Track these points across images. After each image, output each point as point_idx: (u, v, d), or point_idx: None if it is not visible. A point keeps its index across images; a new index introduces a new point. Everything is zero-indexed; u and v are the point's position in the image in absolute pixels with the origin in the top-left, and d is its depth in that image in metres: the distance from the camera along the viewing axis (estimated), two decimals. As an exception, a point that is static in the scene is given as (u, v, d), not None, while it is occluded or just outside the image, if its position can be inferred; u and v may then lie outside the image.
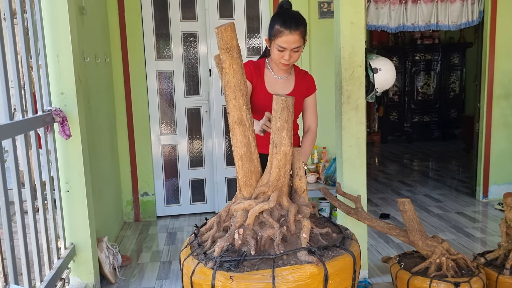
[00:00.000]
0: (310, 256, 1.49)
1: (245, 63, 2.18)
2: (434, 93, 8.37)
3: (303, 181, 1.72)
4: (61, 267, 2.54)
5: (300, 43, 2.10)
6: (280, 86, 2.26)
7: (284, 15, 2.10)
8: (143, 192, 4.39)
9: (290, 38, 2.06)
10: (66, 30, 2.59)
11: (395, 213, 4.35)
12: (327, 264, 1.49)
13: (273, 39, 2.12)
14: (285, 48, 2.10)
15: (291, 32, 2.05)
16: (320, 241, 1.61)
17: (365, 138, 2.86)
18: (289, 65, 2.19)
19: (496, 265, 2.53)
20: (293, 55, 2.13)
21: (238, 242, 1.57)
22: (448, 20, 4.28)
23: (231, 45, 1.59)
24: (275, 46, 2.12)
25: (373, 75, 2.76)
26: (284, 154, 1.64)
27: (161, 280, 3.10)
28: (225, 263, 1.49)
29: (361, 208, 2.68)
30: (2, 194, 1.88)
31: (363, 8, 2.71)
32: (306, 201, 1.71)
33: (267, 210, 1.63)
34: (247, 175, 1.69)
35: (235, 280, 1.45)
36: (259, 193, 1.68)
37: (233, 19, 4.28)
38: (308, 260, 1.48)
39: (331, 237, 1.67)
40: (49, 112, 2.48)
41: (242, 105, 1.65)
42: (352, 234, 1.77)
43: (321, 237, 1.63)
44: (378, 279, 2.97)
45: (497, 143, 4.59)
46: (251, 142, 1.67)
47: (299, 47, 2.12)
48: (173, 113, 4.41)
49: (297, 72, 2.33)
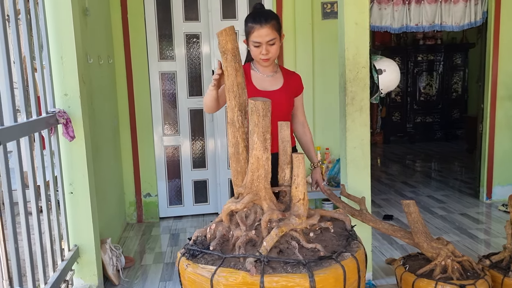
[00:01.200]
0: (250, 265, 1.48)
1: None
2: (436, 93, 8.35)
3: (299, 189, 1.66)
4: (65, 269, 2.54)
5: (273, 35, 2.16)
6: (268, 83, 2.28)
7: (254, 13, 2.21)
8: (146, 193, 4.39)
9: (262, 31, 2.14)
10: (70, 32, 2.59)
11: (398, 214, 4.34)
12: (265, 277, 1.45)
13: (248, 37, 2.21)
14: (260, 43, 2.16)
15: (261, 26, 2.13)
16: (306, 253, 1.58)
17: (369, 139, 2.85)
18: (269, 61, 2.22)
19: (501, 267, 2.52)
20: (270, 49, 2.18)
21: (208, 236, 1.68)
22: (452, 20, 4.27)
23: (225, 48, 1.70)
24: (251, 43, 2.20)
25: (378, 76, 2.75)
26: (256, 158, 1.63)
27: (164, 282, 3.10)
28: (189, 252, 1.65)
29: (366, 210, 2.67)
30: (7, 197, 1.88)
31: (367, 9, 2.70)
32: (301, 211, 1.65)
33: (240, 211, 1.67)
34: (234, 174, 1.75)
35: (189, 268, 1.59)
36: (238, 194, 1.73)
37: (236, 20, 4.27)
38: (247, 268, 1.48)
39: (318, 253, 1.58)
40: (53, 113, 2.48)
41: (234, 107, 1.69)
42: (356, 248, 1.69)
43: (308, 251, 1.58)
44: (383, 281, 2.96)
45: (501, 144, 4.57)
46: (239, 143, 1.69)
47: (274, 40, 2.17)
48: (176, 114, 4.40)
49: (285, 71, 2.39)
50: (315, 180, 2.52)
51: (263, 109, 1.59)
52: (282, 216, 1.63)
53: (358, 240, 1.74)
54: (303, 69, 4.20)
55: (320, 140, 4.43)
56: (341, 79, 2.82)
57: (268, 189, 1.67)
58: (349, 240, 1.69)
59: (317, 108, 4.39)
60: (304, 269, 1.47)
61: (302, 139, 2.46)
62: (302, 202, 1.62)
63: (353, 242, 1.69)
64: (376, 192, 5.12)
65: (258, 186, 1.66)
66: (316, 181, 2.52)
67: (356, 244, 1.68)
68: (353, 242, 1.69)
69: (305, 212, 1.64)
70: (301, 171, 1.63)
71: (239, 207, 1.67)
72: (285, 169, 1.72)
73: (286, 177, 1.75)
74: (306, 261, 1.50)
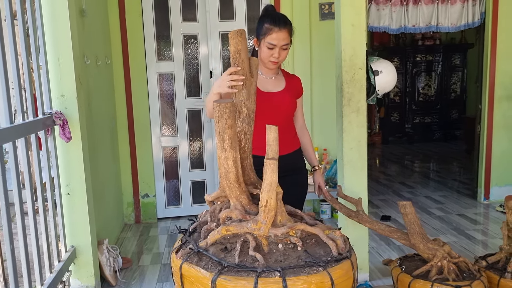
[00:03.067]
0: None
1: None
2: (435, 94, 8.36)
3: (263, 195, 1.52)
4: (61, 270, 2.54)
5: (288, 40, 2.17)
6: (271, 85, 2.28)
7: (273, 15, 2.19)
8: (143, 194, 4.39)
9: (280, 35, 2.13)
10: (66, 32, 2.59)
11: (396, 215, 4.34)
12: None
13: (262, 37, 2.18)
14: (275, 45, 2.15)
15: (280, 29, 2.12)
16: (245, 259, 1.48)
17: (366, 140, 2.85)
18: (277, 64, 2.22)
19: (497, 268, 2.52)
20: (282, 53, 2.18)
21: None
22: (448, 21, 4.28)
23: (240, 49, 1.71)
24: (265, 44, 2.17)
25: (374, 78, 2.75)
26: (217, 158, 1.64)
27: (161, 283, 3.10)
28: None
29: (362, 211, 2.67)
30: (3, 198, 1.88)
31: (364, 10, 2.71)
32: (261, 218, 1.54)
33: (216, 204, 1.72)
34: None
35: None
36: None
37: (234, 21, 4.28)
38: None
39: (254, 263, 1.48)
40: (49, 115, 2.48)
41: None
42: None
43: (248, 257, 1.48)
44: (379, 281, 2.97)
45: (499, 144, 4.58)
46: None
47: (287, 45, 2.18)
48: (174, 114, 4.41)
49: (285, 73, 2.40)
50: (317, 183, 2.51)
51: (218, 110, 1.55)
52: (242, 217, 1.58)
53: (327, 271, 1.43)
54: (301, 70, 4.20)
55: (318, 141, 4.43)
56: (338, 80, 2.83)
57: (233, 187, 1.63)
58: (313, 267, 1.41)
59: (314, 109, 4.39)
60: (215, 272, 1.42)
61: (301, 142, 2.46)
62: (263, 208, 1.52)
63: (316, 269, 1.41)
64: (374, 193, 5.13)
65: (222, 183, 1.65)
66: (319, 185, 2.51)
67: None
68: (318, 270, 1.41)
69: (267, 219, 1.52)
70: (269, 177, 1.50)
71: (208, 199, 1.73)
72: None
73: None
74: (225, 265, 1.43)
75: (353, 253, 1.58)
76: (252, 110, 1.78)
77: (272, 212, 1.52)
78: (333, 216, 4.29)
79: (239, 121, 1.76)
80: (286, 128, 2.32)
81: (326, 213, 4.30)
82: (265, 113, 2.14)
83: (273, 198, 1.51)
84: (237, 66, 1.73)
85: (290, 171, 2.30)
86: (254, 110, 1.78)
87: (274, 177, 1.49)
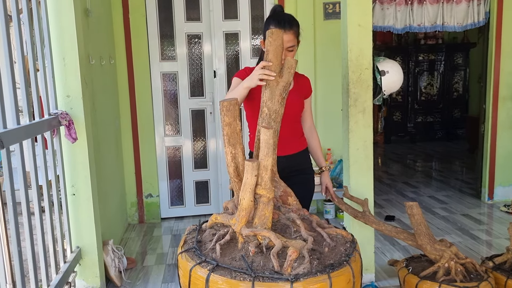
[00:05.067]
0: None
1: (241, 69, 2.31)
2: (437, 93, 8.35)
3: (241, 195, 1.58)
4: (67, 271, 2.53)
5: (294, 42, 2.16)
6: None
7: (279, 16, 2.18)
8: (147, 194, 4.39)
9: (285, 37, 2.11)
10: (72, 33, 2.58)
11: (400, 215, 4.33)
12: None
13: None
14: None
15: (285, 31, 2.11)
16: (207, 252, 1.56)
17: (372, 141, 2.84)
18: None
19: (504, 269, 2.51)
20: (288, 55, 2.17)
21: None
22: (454, 21, 4.27)
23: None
24: None
25: (381, 78, 2.74)
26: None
27: (166, 283, 3.09)
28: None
29: (369, 212, 2.66)
30: (10, 199, 1.87)
31: (371, 10, 2.70)
32: (235, 214, 1.62)
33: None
34: None
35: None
36: None
37: (238, 21, 4.27)
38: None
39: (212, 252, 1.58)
40: (55, 115, 2.47)
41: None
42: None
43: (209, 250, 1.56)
44: (385, 282, 2.96)
45: (503, 144, 4.57)
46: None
47: (293, 47, 2.17)
48: (178, 114, 4.40)
49: (295, 73, 2.36)
50: (325, 184, 2.50)
51: (220, 108, 1.62)
52: (232, 211, 1.66)
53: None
54: (305, 70, 4.18)
55: (322, 141, 4.34)
56: (344, 80, 2.82)
57: (233, 181, 1.71)
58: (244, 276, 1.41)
59: (318, 110, 4.38)
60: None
61: (309, 143, 2.45)
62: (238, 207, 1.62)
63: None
64: (378, 193, 5.12)
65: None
66: (326, 186, 2.50)
67: None
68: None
69: (239, 217, 1.56)
70: (246, 177, 1.54)
71: (230, 188, 1.79)
72: (262, 173, 1.68)
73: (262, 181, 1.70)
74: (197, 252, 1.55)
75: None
76: (275, 111, 1.77)
77: (243, 211, 1.55)
78: (337, 216, 4.28)
79: (259, 119, 1.78)
80: (294, 129, 2.31)
81: (330, 213, 4.29)
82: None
83: (245, 198, 1.55)
84: (268, 62, 1.76)
85: (296, 171, 2.30)
86: (277, 111, 1.77)
87: (249, 178, 1.53)
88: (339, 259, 1.51)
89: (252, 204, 1.56)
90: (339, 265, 1.47)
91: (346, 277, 1.46)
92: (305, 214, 1.77)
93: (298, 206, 1.79)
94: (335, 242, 1.63)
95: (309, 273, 1.40)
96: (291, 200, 1.81)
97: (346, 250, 1.58)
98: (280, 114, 1.81)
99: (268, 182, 1.57)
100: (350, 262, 1.50)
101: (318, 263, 1.46)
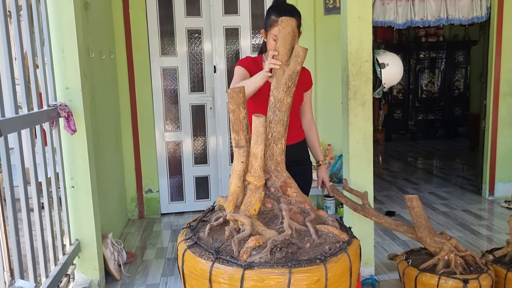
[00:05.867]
0: None
1: (243, 58, 2.32)
2: (438, 91, 8.34)
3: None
4: (66, 263, 2.53)
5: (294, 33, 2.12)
6: None
7: (280, 7, 2.19)
8: (147, 189, 4.38)
9: None
10: (71, 25, 2.58)
11: (400, 210, 4.32)
12: None
13: (269, 29, 2.20)
14: None
15: None
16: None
17: (372, 134, 2.83)
18: None
19: (504, 262, 2.50)
20: None
21: None
22: (459, 14, 4.25)
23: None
24: (271, 36, 2.19)
25: (380, 70, 2.73)
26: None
27: (166, 277, 3.09)
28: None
29: (368, 205, 2.65)
30: (8, 189, 1.87)
31: (371, 2, 2.69)
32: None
33: None
34: None
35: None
36: None
37: (238, 16, 4.26)
38: None
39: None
40: (54, 107, 2.47)
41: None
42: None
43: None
44: (385, 276, 2.95)
45: (504, 140, 4.55)
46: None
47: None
48: (178, 110, 4.39)
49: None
50: (321, 178, 2.49)
51: (227, 95, 1.65)
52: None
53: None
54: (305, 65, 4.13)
55: (322, 136, 4.37)
56: (344, 73, 2.81)
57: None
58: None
59: (319, 104, 4.37)
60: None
61: (308, 136, 2.44)
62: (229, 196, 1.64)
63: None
64: (378, 189, 5.11)
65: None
66: (322, 180, 2.49)
67: None
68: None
69: (228, 201, 1.62)
70: (235, 164, 1.60)
71: None
72: (252, 160, 1.65)
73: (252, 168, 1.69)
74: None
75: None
76: (279, 100, 1.75)
77: (231, 196, 1.60)
78: (337, 212, 4.27)
79: (269, 109, 1.78)
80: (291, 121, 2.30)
81: (331, 208, 4.29)
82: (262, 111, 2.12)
83: (232, 184, 1.60)
84: (274, 51, 1.76)
85: (295, 162, 2.29)
86: (282, 100, 1.75)
87: (236, 164, 1.59)
88: (315, 257, 1.42)
89: (239, 190, 1.59)
90: (309, 263, 1.38)
91: (313, 276, 1.36)
92: (305, 207, 1.74)
93: (300, 199, 1.76)
94: (322, 240, 1.54)
95: (266, 263, 1.37)
96: (290, 192, 1.79)
97: (331, 249, 1.48)
98: (285, 103, 1.78)
99: (258, 170, 1.58)
100: (327, 262, 1.40)
101: (284, 256, 1.41)
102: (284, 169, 1.80)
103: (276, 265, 1.36)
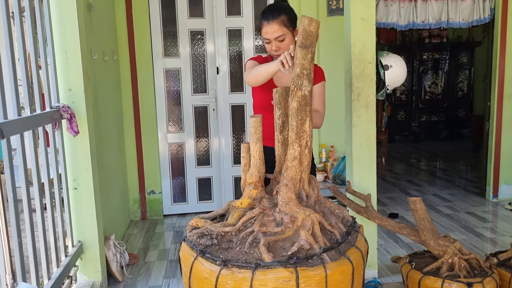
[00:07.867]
0: None
1: (254, 56, 2.34)
2: (442, 92, 8.30)
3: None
4: (68, 265, 2.52)
5: (281, 32, 2.12)
6: (287, 79, 2.24)
7: (265, 9, 2.19)
8: (150, 191, 4.38)
9: (268, 28, 2.12)
10: (74, 27, 2.57)
11: (403, 212, 4.30)
12: None
13: (260, 33, 2.22)
14: (269, 39, 2.15)
15: (269, 23, 2.11)
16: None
17: (375, 136, 2.82)
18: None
19: (509, 265, 2.48)
20: (280, 45, 2.15)
21: None
22: (459, 17, 4.24)
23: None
24: (263, 39, 2.21)
25: (384, 72, 2.72)
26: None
27: (168, 278, 3.08)
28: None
29: (371, 207, 2.64)
30: (11, 191, 1.86)
31: (374, 4, 2.68)
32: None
33: None
34: None
35: None
36: None
37: (241, 17, 4.26)
38: None
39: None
40: (57, 108, 2.46)
41: None
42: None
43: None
44: (388, 279, 2.94)
45: (508, 142, 4.52)
46: None
47: (283, 36, 2.13)
48: (180, 111, 4.39)
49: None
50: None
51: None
52: None
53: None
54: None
55: (325, 138, 4.40)
56: (347, 75, 2.80)
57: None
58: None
59: (322, 106, 4.35)
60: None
61: None
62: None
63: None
64: (381, 191, 5.09)
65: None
66: None
67: None
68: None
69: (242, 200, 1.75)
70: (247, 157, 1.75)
71: None
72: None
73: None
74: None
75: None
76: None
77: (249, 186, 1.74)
78: (340, 214, 4.25)
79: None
80: None
81: (333, 210, 4.27)
82: (270, 106, 2.11)
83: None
84: (292, 51, 1.81)
85: None
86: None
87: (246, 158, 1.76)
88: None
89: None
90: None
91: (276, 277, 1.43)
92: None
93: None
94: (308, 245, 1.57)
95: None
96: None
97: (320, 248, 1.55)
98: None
99: (252, 168, 1.73)
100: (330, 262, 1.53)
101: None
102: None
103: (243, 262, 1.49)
